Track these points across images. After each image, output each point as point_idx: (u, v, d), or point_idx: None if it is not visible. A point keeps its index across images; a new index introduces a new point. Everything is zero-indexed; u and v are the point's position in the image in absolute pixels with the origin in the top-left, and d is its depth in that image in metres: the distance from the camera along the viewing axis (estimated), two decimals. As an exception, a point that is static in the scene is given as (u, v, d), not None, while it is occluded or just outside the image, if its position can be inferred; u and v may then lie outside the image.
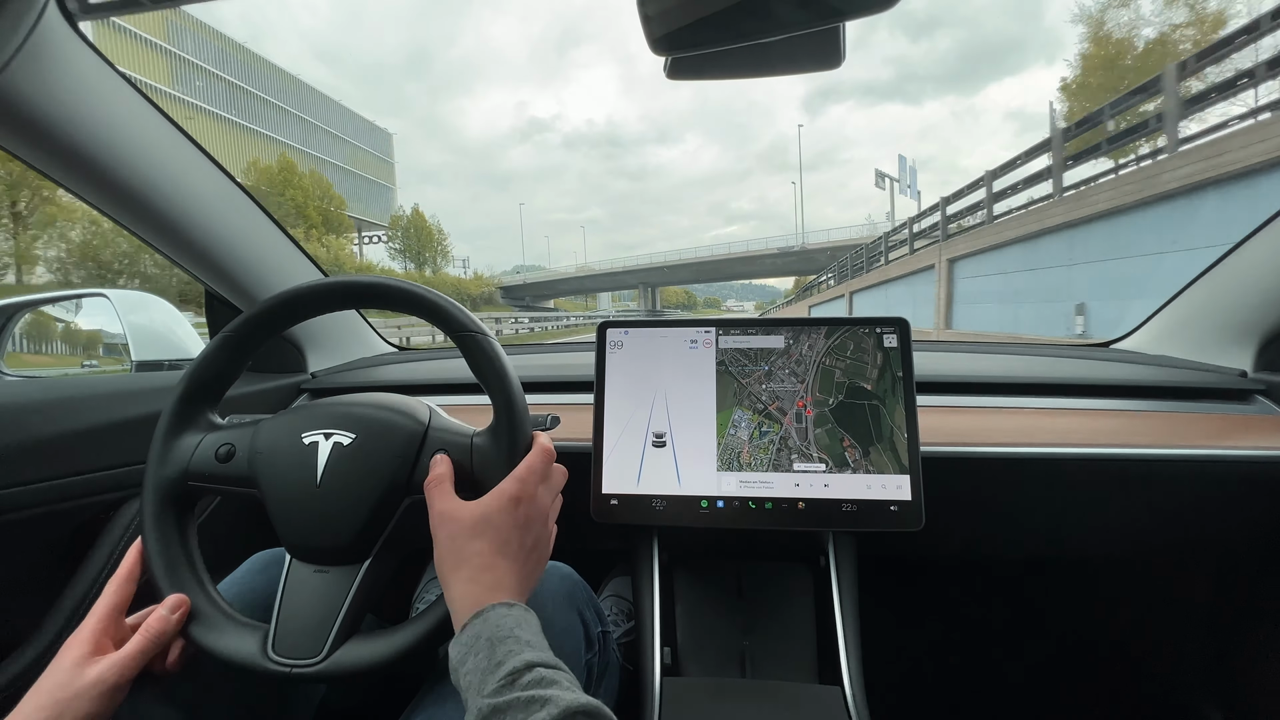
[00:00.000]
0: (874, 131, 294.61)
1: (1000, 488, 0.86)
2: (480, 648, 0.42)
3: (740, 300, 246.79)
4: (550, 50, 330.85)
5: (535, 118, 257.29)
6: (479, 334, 0.58)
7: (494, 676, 0.39)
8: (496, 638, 0.42)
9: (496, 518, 0.50)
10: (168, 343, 1.08)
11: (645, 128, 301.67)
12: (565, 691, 0.38)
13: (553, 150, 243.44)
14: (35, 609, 0.71)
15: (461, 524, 0.49)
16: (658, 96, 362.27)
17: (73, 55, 0.64)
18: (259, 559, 0.69)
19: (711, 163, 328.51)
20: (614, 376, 0.77)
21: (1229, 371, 0.94)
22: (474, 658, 0.42)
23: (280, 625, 0.53)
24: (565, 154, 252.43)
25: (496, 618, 0.44)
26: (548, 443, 0.57)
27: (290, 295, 0.60)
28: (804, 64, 0.58)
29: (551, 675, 0.40)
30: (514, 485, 0.52)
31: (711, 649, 0.76)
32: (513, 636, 0.42)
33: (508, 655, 0.40)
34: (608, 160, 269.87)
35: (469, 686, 0.41)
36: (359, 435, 0.56)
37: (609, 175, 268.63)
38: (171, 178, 0.79)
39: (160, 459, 0.57)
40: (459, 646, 0.43)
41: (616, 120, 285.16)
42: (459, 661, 0.43)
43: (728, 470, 0.73)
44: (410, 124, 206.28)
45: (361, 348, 1.27)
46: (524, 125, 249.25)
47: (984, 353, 1.16)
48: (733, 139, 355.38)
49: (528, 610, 0.46)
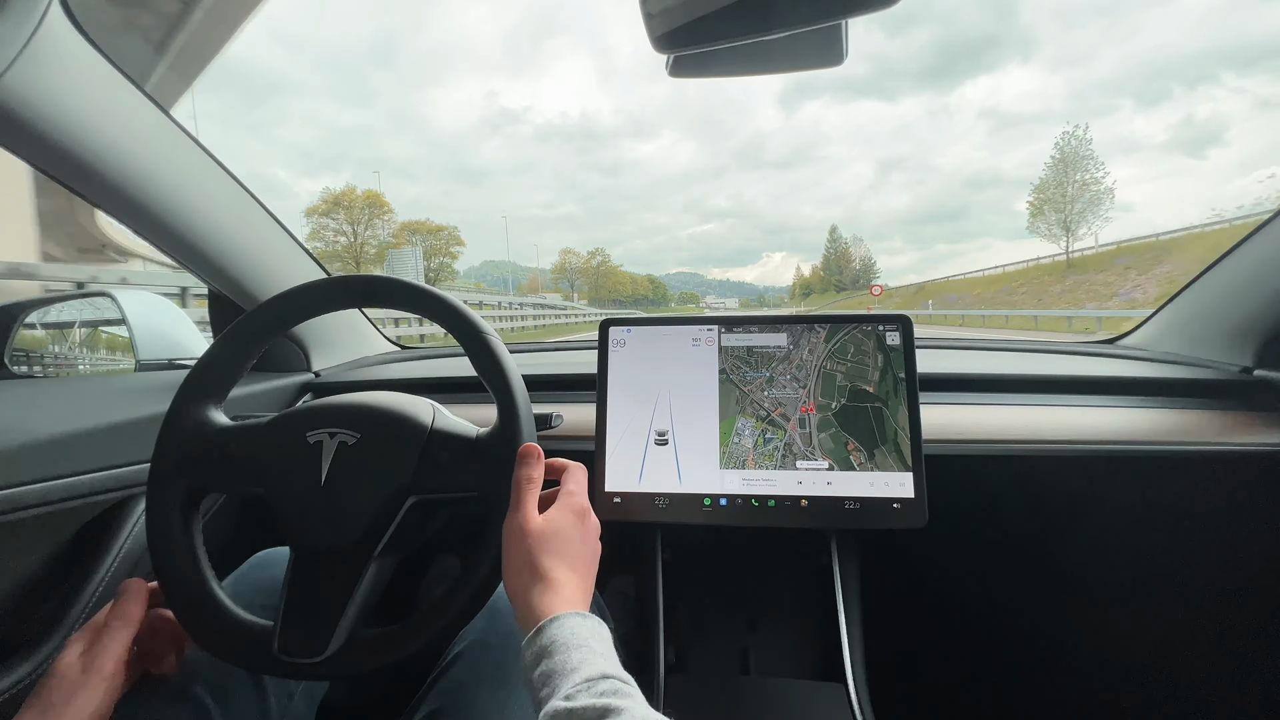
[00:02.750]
0: (850, 130, 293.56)
1: (1003, 485, 0.86)
2: (555, 651, 0.42)
3: (720, 297, 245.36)
4: (524, 40, 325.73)
5: (506, 108, 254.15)
6: (483, 333, 0.58)
7: (568, 681, 0.39)
8: (572, 644, 0.42)
9: (568, 532, 0.51)
10: (172, 342, 1.08)
11: (620, 121, 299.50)
12: (638, 705, 0.39)
13: (525, 143, 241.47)
14: (44, 606, 0.71)
15: (537, 539, 0.49)
16: (633, 90, 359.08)
17: (76, 55, 0.64)
18: (263, 557, 0.69)
19: (688, 159, 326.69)
20: (616, 375, 0.77)
21: (1232, 368, 0.93)
22: (547, 660, 0.42)
23: (284, 623, 0.53)
24: (538, 147, 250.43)
25: (572, 625, 0.44)
26: (579, 463, 0.59)
27: (294, 293, 0.61)
28: (806, 61, 0.58)
29: (625, 688, 0.40)
30: (576, 500, 0.53)
31: (714, 647, 0.76)
32: (587, 645, 0.43)
33: (582, 662, 0.41)
34: (582, 154, 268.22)
35: (542, 688, 0.41)
36: (363, 434, 0.56)
37: (584, 170, 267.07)
38: (176, 178, 0.79)
39: (164, 457, 0.57)
40: (532, 649, 0.44)
41: (590, 113, 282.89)
42: (532, 663, 0.43)
43: (731, 468, 0.73)
44: (379, 115, 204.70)
45: (365, 346, 1.28)
46: (494, 116, 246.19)
47: (987, 350, 1.15)
48: (709, 135, 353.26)
49: (600, 623, 0.46)
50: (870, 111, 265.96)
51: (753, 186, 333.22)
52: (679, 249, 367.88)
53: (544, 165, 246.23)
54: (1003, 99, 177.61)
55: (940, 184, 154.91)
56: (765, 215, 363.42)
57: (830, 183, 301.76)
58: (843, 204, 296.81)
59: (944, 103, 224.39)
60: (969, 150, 58.36)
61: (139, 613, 0.52)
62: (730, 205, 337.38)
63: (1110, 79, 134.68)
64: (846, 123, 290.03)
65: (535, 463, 0.53)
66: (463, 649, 0.62)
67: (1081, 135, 37.94)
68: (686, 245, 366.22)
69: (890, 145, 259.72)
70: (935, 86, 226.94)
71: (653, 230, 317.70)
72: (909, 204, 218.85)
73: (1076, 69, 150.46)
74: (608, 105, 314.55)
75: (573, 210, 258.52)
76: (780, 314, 0.80)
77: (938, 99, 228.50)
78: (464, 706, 0.55)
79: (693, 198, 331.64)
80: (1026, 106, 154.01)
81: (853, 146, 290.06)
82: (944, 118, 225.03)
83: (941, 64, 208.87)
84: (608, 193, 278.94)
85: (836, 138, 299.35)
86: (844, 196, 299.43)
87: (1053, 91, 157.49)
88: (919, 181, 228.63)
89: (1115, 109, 73.96)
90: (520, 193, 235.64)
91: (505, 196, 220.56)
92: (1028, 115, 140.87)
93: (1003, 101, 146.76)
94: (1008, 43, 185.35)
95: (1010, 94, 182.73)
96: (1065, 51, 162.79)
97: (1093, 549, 1.02)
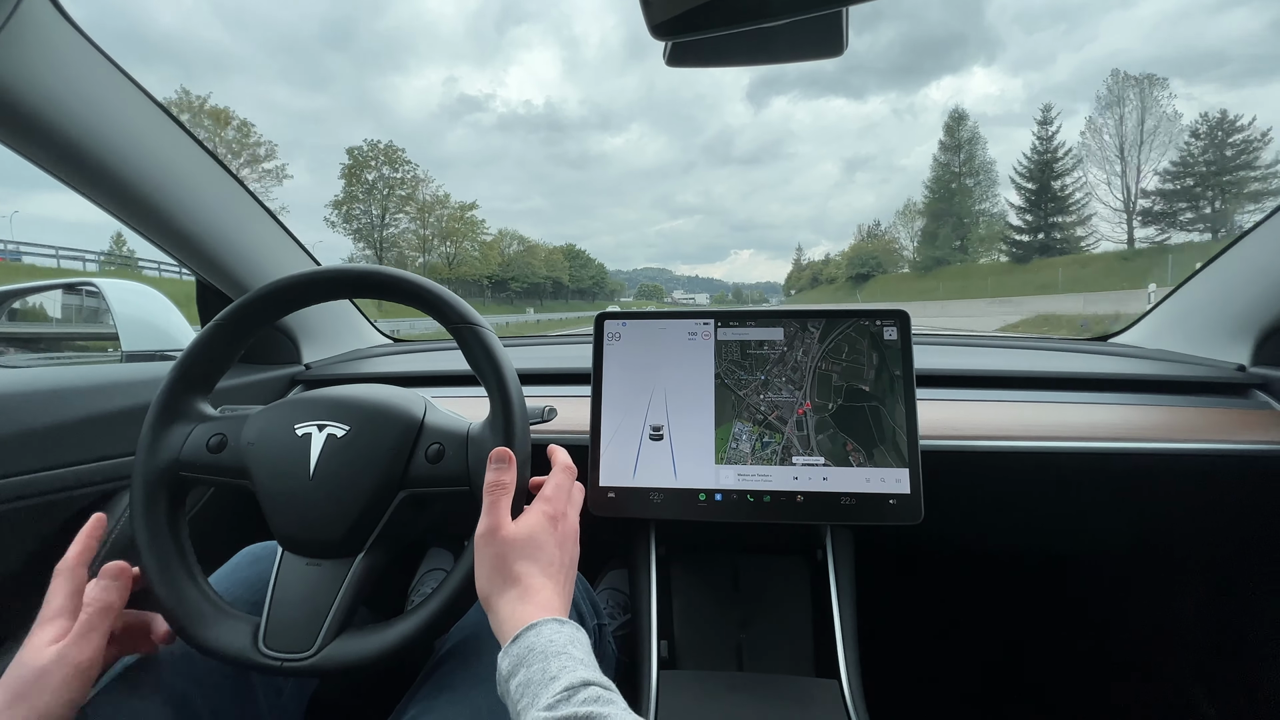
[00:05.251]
0: (819, 129, 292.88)
1: (999, 481, 0.86)
2: (533, 660, 0.41)
3: (689, 292, 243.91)
4: (489, 26, 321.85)
5: (466, 95, 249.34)
6: (476, 325, 0.57)
7: (548, 691, 0.38)
8: (550, 652, 0.41)
9: (541, 537, 0.50)
10: (159, 333, 1.07)
11: (587, 112, 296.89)
12: (622, 712, 0.38)
13: (489, 133, 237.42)
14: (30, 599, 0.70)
15: (509, 543, 0.48)
16: (602, 82, 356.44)
17: (57, 37, 0.62)
18: (251, 552, 0.68)
19: (657, 154, 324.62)
20: (611, 368, 0.76)
21: (1227, 366, 0.94)
22: (526, 669, 0.41)
23: (271, 618, 0.52)
24: (503, 137, 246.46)
25: (550, 633, 0.43)
26: (568, 460, 0.57)
27: (282, 283, 0.59)
28: (806, 51, 0.57)
29: (607, 695, 0.39)
30: (549, 505, 0.52)
31: (708, 642, 0.76)
32: (566, 653, 0.41)
33: (561, 670, 0.40)
34: (548, 145, 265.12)
35: (520, 698, 0.40)
36: (353, 427, 0.56)
37: (550, 163, 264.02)
38: (160, 163, 0.77)
39: (150, 449, 0.56)
40: (509, 658, 0.42)
41: (555, 102, 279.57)
42: (509, 672, 0.42)
43: (726, 463, 0.72)
44: (336, 100, 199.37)
45: (356, 339, 1.26)
46: (454, 103, 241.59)
47: (982, 347, 1.15)
48: (678, 130, 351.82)
49: (578, 628, 0.45)
50: (837, 109, 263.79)
51: (721, 183, 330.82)
52: (648, 245, 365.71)
53: (509, 157, 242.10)
54: (966, 99, 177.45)
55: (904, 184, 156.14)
56: (734, 212, 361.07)
57: (798, 181, 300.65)
58: (809, 203, 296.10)
59: (909, 102, 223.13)
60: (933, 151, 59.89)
61: (119, 601, 0.51)
62: (699, 201, 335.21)
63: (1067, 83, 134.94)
64: (815, 121, 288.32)
65: (507, 467, 0.52)
66: (455, 645, 0.61)
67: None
68: (655, 241, 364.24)
69: (857, 145, 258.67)
70: (901, 85, 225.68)
71: (622, 226, 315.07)
72: (873, 203, 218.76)
73: (1037, 71, 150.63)
74: (574, 95, 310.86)
75: (540, 204, 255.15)
76: (776, 308, 0.80)
77: (903, 98, 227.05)
78: (456, 702, 0.54)
79: (661, 193, 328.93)
80: (989, 109, 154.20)
81: (820, 145, 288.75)
82: (909, 117, 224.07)
83: (909, 61, 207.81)
84: (575, 187, 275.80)
85: (804, 135, 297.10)
86: (811, 196, 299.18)
87: (1012, 95, 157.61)
88: (883, 181, 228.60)
89: (1073, 112, 74.10)
90: (486, 184, 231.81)
91: (470, 188, 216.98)
92: (990, 117, 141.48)
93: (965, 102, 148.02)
94: (974, 42, 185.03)
95: (973, 96, 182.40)
96: (1027, 54, 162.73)
97: (1087, 545, 1.03)
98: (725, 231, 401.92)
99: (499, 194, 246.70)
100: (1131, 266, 35.43)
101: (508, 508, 0.50)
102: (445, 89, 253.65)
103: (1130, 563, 1.09)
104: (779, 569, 0.80)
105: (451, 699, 0.55)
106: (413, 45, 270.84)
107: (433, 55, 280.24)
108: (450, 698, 0.55)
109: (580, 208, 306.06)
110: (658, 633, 0.72)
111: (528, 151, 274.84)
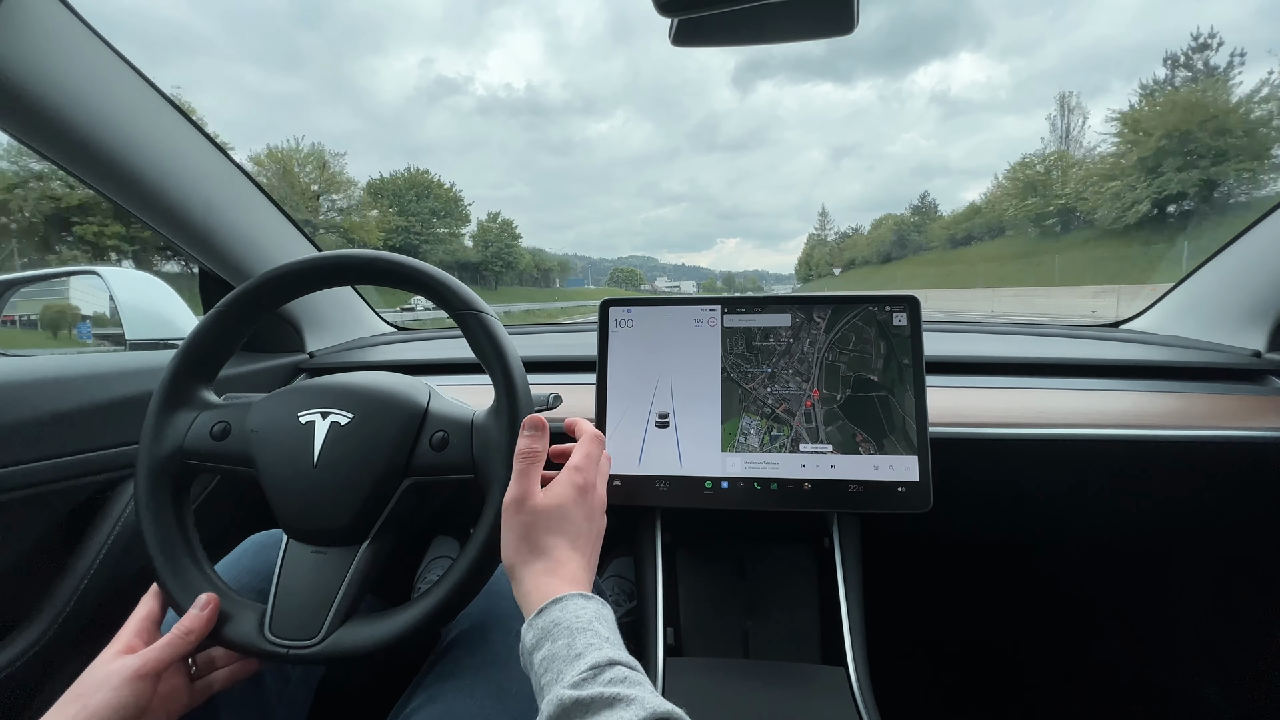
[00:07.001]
0: (806, 115, 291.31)
1: (1008, 469, 0.85)
2: (559, 635, 0.40)
3: (674, 280, 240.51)
4: (469, 7, 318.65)
5: (444, 76, 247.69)
6: (480, 312, 0.56)
7: (574, 668, 0.38)
8: (576, 628, 0.40)
9: (570, 508, 0.49)
10: (161, 321, 1.06)
11: (570, 96, 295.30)
12: (649, 694, 0.37)
13: (470, 117, 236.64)
14: (34, 589, 0.70)
15: (538, 513, 0.47)
16: (586, 67, 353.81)
17: (51, 18, 0.61)
18: (256, 540, 0.68)
19: (642, 142, 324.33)
20: (617, 356, 0.75)
21: (1241, 352, 0.92)
22: (551, 644, 0.40)
23: (277, 606, 0.52)
24: (484, 122, 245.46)
25: (576, 608, 0.42)
26: (595, 429, 0.57)
27: (285, 270, 0.59)
28: (815, 28, 0.56)
29: (634, 675, 0.38)
30: (579, 474, 0.51)
31: (714, 629, 0.75)
32: (592, 629, 0.41)
33: (588, 648, 0.39)
34: (530, 131, 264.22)
35: (545, 673, 0.39)
36: (356, 415, 0.55)
37: (533, 149, 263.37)
38: (158, 148, 0.76)
39: (154, 436, 0.56)
40: (534, 630, 0.42)
41: (537, 86, 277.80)
42: (533, 645, 0.41)
43: (733, 451, 0.71)
44: (311, 83, 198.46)
45: (360, 327, 1.26)
46: (430, 85, 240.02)
47: (992, 333, 1.14)
48: (663, 116, 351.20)
49: (604, 604, 0.45)
50: (824, 95, 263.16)
51: (707, 171, 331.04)
52: (634, 234, 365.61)
53: (491, 143, 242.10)
54: (953, 86, 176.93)
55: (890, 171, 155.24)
56: (720, 200, 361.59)
57: (784, 169, 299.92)
58: (796, 191, 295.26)
59: (896, 88, 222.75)
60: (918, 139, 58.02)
61: (201, 630, 0.50)
62: (685, 189, 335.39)
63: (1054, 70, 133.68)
64: (802, 108, 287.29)
65: (540, 435, 0.50)
66: (461, 631, 0.61)
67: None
68: (641, 230, 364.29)
69: (843, 132, 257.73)
70: (889, 70, 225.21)
71: (607, 214, 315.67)
72: (859, 191, 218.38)
73: (1024, 57, 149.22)
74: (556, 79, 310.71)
75: (523, 191, 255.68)
76: (783, 295, 0.78)
77: (891, 84, 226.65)
78: (462, 690, 0.54)
79: (647, 181, 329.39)
80: (975, 95, 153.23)
81: (806, 132, 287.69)
82: (895, 104, 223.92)
83: (897, 44, 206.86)
84: (559, 174, 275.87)
85: (791, 121, 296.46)
86: (798, 184, 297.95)
87: (998, 82, 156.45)
88: (869, 169, 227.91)
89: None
90: (468, 171, 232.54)
91: (452, 175, 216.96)
92: (976, 104, 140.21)
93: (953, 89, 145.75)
94: (963, 25, 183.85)
95: (961, 82, 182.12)
96: (1014, 39, 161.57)
97: (1098, 533, 1.02)
98: (711, 220, 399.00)
99: (481, 181, 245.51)
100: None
101: (538, 476, 0.50)
102: (421, 70, 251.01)
103: (1142, 550, 1.09)
104: (785, 556, 0.80)
105: (457, 686, 0.54)
106: (389, 24, 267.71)
107: (410, 36, 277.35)
108: (456, 685, 0.55)
109: (565, 195, 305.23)
110: (664, 620, 0.72)
111: (509, 137, 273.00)
